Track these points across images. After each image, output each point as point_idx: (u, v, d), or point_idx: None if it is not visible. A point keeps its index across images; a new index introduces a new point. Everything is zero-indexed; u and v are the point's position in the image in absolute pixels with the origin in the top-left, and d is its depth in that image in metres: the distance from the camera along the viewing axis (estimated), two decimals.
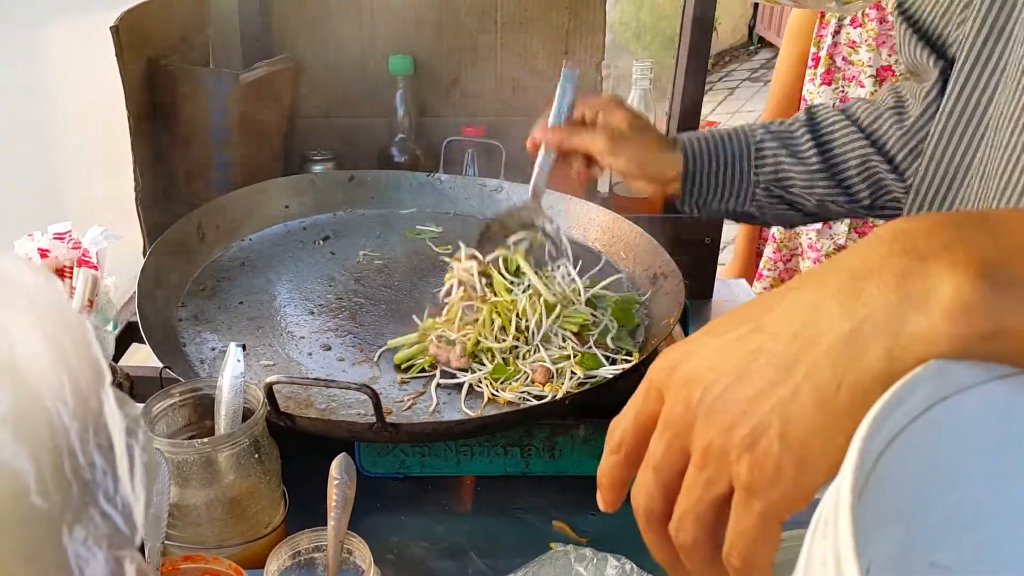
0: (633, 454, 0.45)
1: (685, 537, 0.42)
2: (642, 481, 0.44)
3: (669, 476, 0.42)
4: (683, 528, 0.42)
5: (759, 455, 0.38)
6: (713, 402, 0.40)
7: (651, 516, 0.44)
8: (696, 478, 0.41)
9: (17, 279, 0.31)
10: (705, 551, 0.42)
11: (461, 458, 0.87)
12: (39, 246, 0.87)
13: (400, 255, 1.16)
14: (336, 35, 1.36)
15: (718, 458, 0.39)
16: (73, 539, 0.28)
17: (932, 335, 0.35)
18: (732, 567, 0.40)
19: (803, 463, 0.37)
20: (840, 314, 0.37)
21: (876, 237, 0.38)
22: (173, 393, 0.74)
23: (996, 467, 0.37)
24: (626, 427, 0.45)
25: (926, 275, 0.35)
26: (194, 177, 1.20)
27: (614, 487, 0.47)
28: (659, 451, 0.42)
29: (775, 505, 0.38)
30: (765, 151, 0.95)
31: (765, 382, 0.38)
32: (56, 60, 1.21)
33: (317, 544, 0.68)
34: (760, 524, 0.38)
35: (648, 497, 0.43)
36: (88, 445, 0.29)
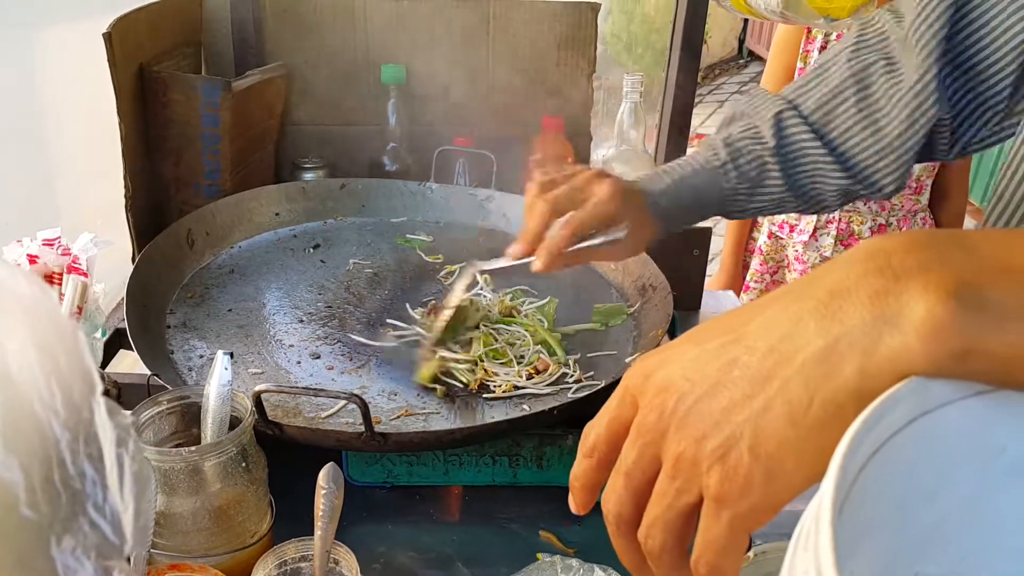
0: (605, 459, 0.46)
1: (654, 544, 0.43)
2: (612, 486, 0.44)
3: (640, 483, 0.43)
4: (652, 535, 0.43)
5: (729, 466, 0.38)
6: (687, 412, 0.41)
7: (620, 521, 0.45)
8: (667, 486, 0.41)
9: (11, 288, 0.31)
10: (673, 558, 0.43)
11: (449, 467, 0.87)
12: (28, 252, 0.87)
13: (390, 264, 1.16)
14: (328, 44, 1.36)
15: (689, 467, 0.40)
16: (62, 549, 0.28)
17: (905, 354, 0.35)
18: (700, 574, 0.41)
19: (772, 476, 0.38)
20: (816, 331, 0.38)
21: (854, 254, 0.39)
22: (160, 401, 0.74)
23: (977, 480, 0.37)
24: (599, 432, 0.46)
25: (900, 294, 0.36)
26: (184, 184, 1.20)
27: (586, 490, 0.48)
28: (631, 458, 0.43)
29: (743, 516, 0.39)
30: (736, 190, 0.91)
31: (739, 394, 0.39)
32: (48, 66, 1.21)
33: (303, 553, 0.68)
34: (728, 533, 0.39)
35: (618, 502, 0.44)
36: (78, 455, 0.30)
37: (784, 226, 1.67)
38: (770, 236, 1.72)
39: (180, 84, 1.15)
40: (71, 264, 0.87)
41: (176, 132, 1.17)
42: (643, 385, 0.43)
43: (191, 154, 1.18)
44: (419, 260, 1.17)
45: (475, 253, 1.17)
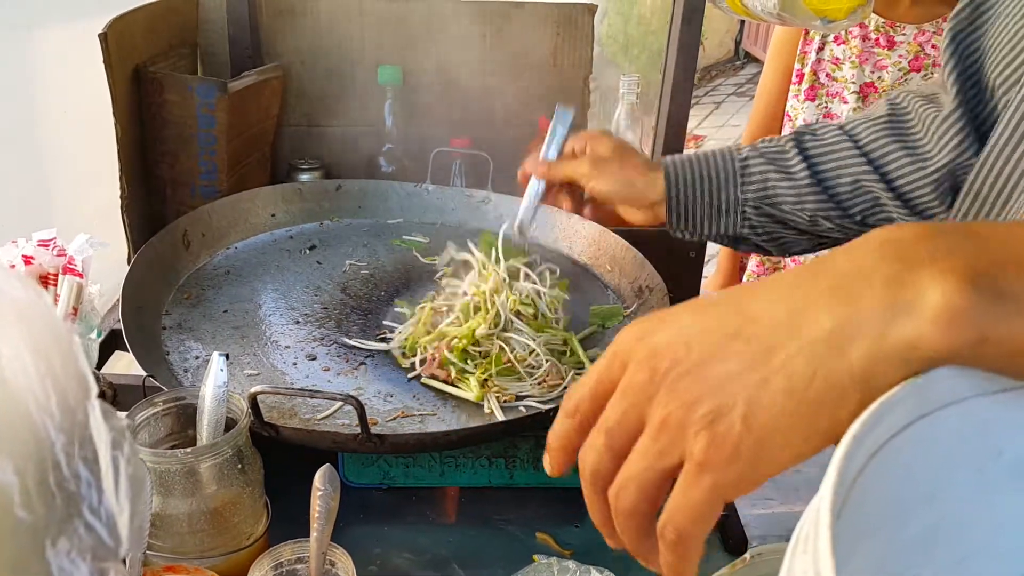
0: (587, 420, 0.45)
1: (624, 502, 0.43)
2: (592, 442, 0.44)
3: (620, 442, 0.43)
4: (623, 495, 0.43)
5: (719, 433, 0.38)
6: (680, 376, 0.40)
7: (596, 477, 0.44)
8: (648, 447, 0.41)
9: (5, 291, 0.31)
10: (641, 520, 0.43)
11: (445, 469, 0.87)
12: (23, 253, 0.86)
13: (387, 265, 1.16)
14: (325, 45, 1.36)
15: (675, 430, 0.40)
16: (57, 551, 0.28)
17: (918, 340, 0.35)
18: (665, 539, 0.41)
19: (761, 448, 0.38)
20: (826, 311, 0.38)
21: (866, 242, 0.39)
22: (156, 402, 0.74)
23: (975, 483, 0.38)
24: (584, 393, 0.45)
25: (915, 282, 0.36)
26: (180, 185, 1.19)
27: (563, 451, 0.47)
28: (614, 416, 0.43)
29: (723, 484, 0.39)
30: (751, 167, 0.94)
31: (738, 364, 0.39)
32: (43, 67, 1.21)
33: (299, 555, 0.68)
34: (705, 499, 0.39)
35: (597, 458, 0.44)
36: (73, 458, 0.29)
37: None
38: None
39: (176, 85, 1.15)
40: (66, 265, 0.87)
41: (172, 133, 1.17)
42: (635, 347, 0.43)
43: (187, 155, 1.18)
44: (415, 262, 1.17)
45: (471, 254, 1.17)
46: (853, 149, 0.92)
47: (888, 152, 0.89)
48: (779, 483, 0.95)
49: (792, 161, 0.93)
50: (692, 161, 0.96)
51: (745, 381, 0.38)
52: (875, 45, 1.56)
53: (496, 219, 1.25)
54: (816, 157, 0.93)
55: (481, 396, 0.87)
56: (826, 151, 0.93)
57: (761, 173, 0.94)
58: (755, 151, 0.95)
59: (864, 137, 0.92)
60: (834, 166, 0.92)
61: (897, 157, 0.88)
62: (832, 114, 1.59)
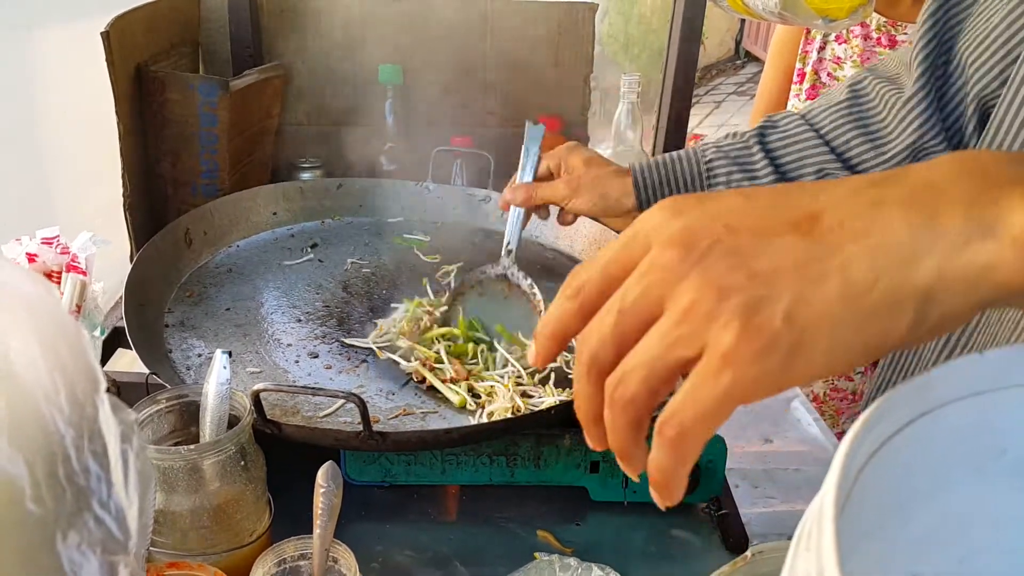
0: (590, 305, 0.40)
1: (623, 392, 0.38)
2: (598, 324, 0.39)
3: (631, 325, 0.38)
4: (625, 382, 0.38)
5: (755, 325, 0.35)
6: (720, 257, 0.36)
7: (594, 363, 0.39)
8: (666, 332, 0.36)
9: (15, 287, 0.31)
10: (638, 413, 0.39)
11: (447, 467, 0.87)
12: (27, 251, 0.87)
13: (388, 263, 1.16)
14: (326, 44, 1.37)
15: (702, 318, 0.35)
16: (67, 544, 0.28)
17: (995, 263, 0.34)
18: (664, 436, 0.37)
19: (798, 350, 0.35)
20: (899, 218, 0.35)
21: (943, 161, 0.37)
22: (159, 400, 0.74)
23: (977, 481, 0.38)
24: (592, 274, 0.40)
25: (997, 201, 0.34)
26: (182, 183, 1.20)
27: (555, 339, 0.42)
28: (632, 295, 0.38)
29: (743, 384, 0.35)
30: (715, 169, 0.94)
31: (791, 257, 0.35)
32: (45, 66, 1.21)
33: (302, 552, 0.68)
34: (717, 398, 0.35)
35: (600, 342, 0.39)
36: (83, 451, 0.30)
37: None
38: None
39: (178, 84, 1.15)
40: (70, 263, 0.87)
41: (174, 132, 1.17)
42: (666, 223, 0.38)
43: (189, 154, 1.18)
44: (416, 260, 1.18)
45: (472, 253, 1.17)
46: (815, 138, 0.92)
47: (850, 139, 0.89)
48: (780, 482, 0.96)
49: (756, 158, 0.93)
50: (659, 165, 0.96)
51: (796, 276, 0.35)
52: (876, 44, 1.57)
53: (497, 218, 1.25)
54: (779, 150, 0.93)
55: (464, 402, 0.88)
56: (788, 143, 0.93)
57: (727, 174, 0.94)
58: (719, 152, 0.95)
59: (825, 124, 0.92)
60: (796, 157, 0.92)
61: (859, 143, 0.89)
62: None
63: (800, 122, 0.93)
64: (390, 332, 0.99)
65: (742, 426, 1.07)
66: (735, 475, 0.95)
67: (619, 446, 0.40)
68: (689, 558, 0.82)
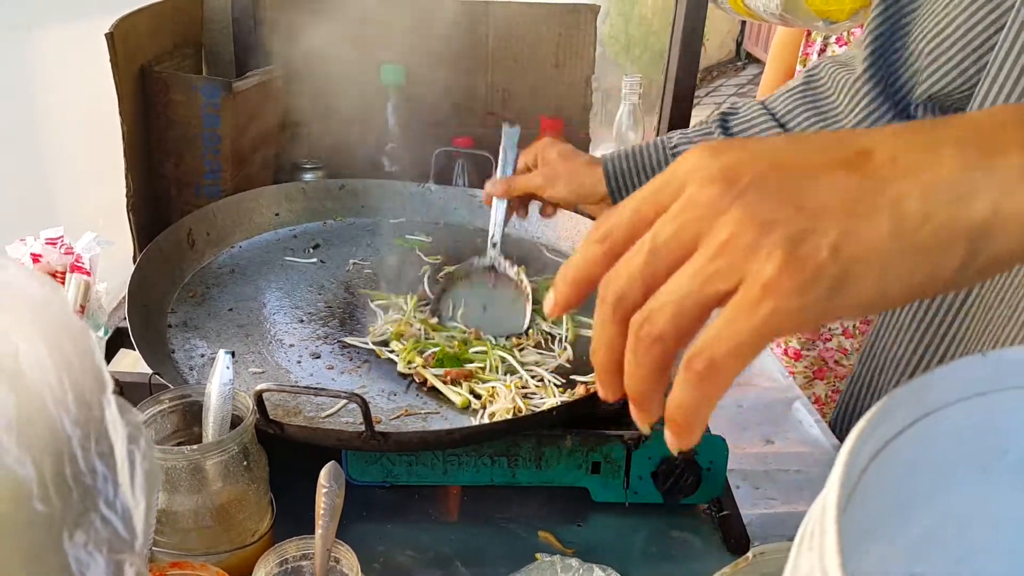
0: (618, 249, 0.38)
1: (650, 329, 0.36)
2: (627, 263, 0.38)
3: (664, 264, 0.37)
4: (653, 320, 0.36)
5: (799, 257, 0.34)
6: (763, 193, 0.35)
7: (621, 303, 0.38)
8: (701, 267, 0.35)
9: (22, 287, 0.31)
10: (662, 354, 0.37)
11: (448, 467, 0.87)
12: (31, 251, 0.87)
13: (390, 264, 1.17)
14: (328, 45, 1.37)
15: (742, 251, 0.34)
16: (74, 543, 0.28)
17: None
18: (692, 370, 0.36)
19: (844, 284, 0.34)
20: (955, 156, 0.35)
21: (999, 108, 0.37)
22: (162, 400, 0.74)
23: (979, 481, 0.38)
24: (622, 216, 0.39)
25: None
26: (185, 184, 1.20)
27: (576, 284, 0.40)
28: (666, 232, 0.36)
29: (785, 314, 0.34)
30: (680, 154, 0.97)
31: (840, 194, 0.35)
32: (50, 65, 1.21)
33: (304, 552, 0.68)
34: (754, 331, 0.34)
35: (628, 281, 0.37)
36: (89, 452, 0.30)
37: None
38: None
39: (181, 85, 1.15)
40: (74, 263, 0.87)
41: (177, 133, 1.17)
42: (703, 163, 0.37)
43: (192, 154, 1.18)
44: (418, 260, 1.18)
45: (474, 254, 1.17)
46: (771, 122, 0.95)
47: (803, 120, 0.92)
48: (781, 483, 0.96)
49: None
50: (628, 155, 1.01)
51: (845, 210, 0.34)
52: None
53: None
54: (738, 135, 0.96)
55: (466, 403, 0.89)
56: (747, 127, 0.96)
57: None
58: (684, 137, 0.99)
59: (781, 109, 0.95)
60: None
61: (812, 124, 0.91)
62: None
63: (759, 108, 0.97)
64: (385, 334, 0.99)
65: (743, 427, 1.07)
66: (736, 476, 0.95)
67: (638, 390, 0.38)
68: (690, 559, 0.82)
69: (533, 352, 0.98)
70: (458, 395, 0.89)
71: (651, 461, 0.85)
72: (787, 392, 1.14)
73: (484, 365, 0.93)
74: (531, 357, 0.97)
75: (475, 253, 1.18)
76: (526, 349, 0.98)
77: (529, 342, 0.99)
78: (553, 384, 0.92)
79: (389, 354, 0.96)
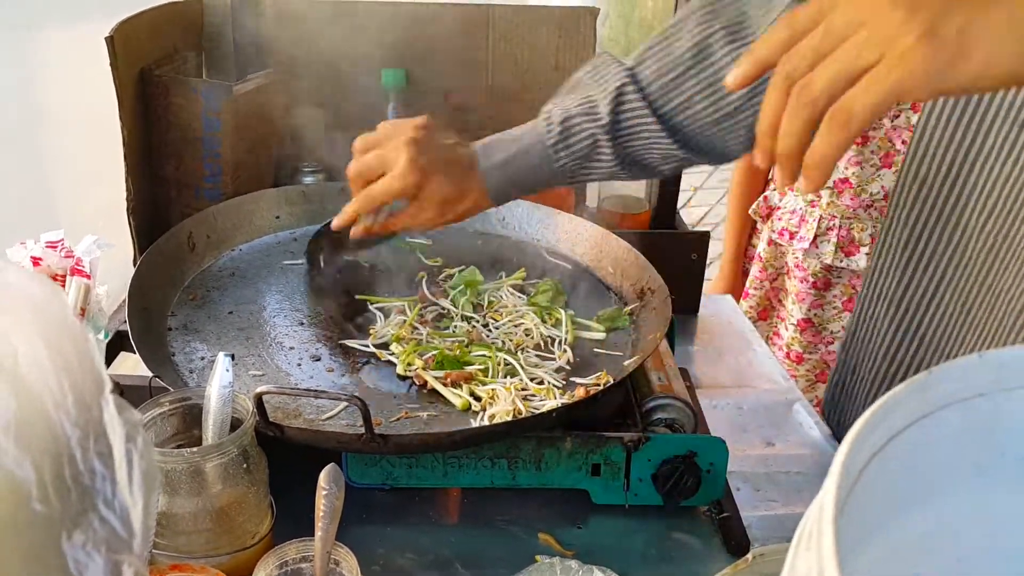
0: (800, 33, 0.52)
1: (809, 92, 0.50)
2: (804, 44, 0.52)
3: (831, 44, 0.50)
4: (811, 85, 0.50)
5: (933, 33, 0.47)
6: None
7: (790, 76, 0.51)
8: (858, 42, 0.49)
9: (22, 289, 0.31)
10: (813, 112, 0.51)
11: (448, 469, 0.87)
12: (32, 254, 0.87)
13: (390, 266, 1.17)
14: (329, 48, 1.37)
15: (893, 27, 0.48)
16: (72, 543, 0.28)
17: None
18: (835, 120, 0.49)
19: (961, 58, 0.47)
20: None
21: None
22: (162, 402, 0.75)
23: (976, 483, 0.38)
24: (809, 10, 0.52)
25: None
26: (185, 187, 1.20)
27: (758, 63, 0.54)
28: (840, 19, 0.50)
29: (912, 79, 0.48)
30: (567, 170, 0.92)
31: None
32: (50, 68, 1.22)
33: (304, 554, 0.68)
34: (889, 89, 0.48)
35: (801, 57, 0.51)
36: (88, 452, 0.30)
37: (784, 233, 1.67)
38: (769, 243, 1.72)
39: (181, 88, 1.15)
40: (74, 266, 0.88)
41: (177, 135, 1.17)
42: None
43: (192, 157, 1.19)
44: (418, 263, 1.18)
45: (473, 256, 1.18)
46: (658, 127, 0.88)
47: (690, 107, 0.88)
48: (781, 485, 0.96)
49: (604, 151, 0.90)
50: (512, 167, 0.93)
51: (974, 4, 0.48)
52: None
53: (498, 221, 1.26)
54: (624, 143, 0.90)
55: (466, 405, 0.89)
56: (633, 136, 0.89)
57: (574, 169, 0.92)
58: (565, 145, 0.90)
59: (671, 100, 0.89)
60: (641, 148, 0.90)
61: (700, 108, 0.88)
62: None
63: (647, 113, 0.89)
64: (386, 336, 0.99)
65: (744, 429, 1.07)
66: (736, 478, 0.95)
67: (786, 145, 0.52)
68: (690, 561, 0.82)
69: (533, 354, 0.98)
70: (458, 397, 0.89)
71: (651, 463, 0.85)
72: (788, 394, 1.14)
73: (484, 367, 0.93)
74: (531, 359, 0.97)
75: (475, 255, 1.19)
76: (527, 351, 0.98)
77: (530, 344, 0.99)
78: (553, 386, 0.92)
79: (389, 356, 0.96)
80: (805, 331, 1.69)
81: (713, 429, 0.92)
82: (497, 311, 1.05)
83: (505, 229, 1.25)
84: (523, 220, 1.24)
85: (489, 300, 1.08)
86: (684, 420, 0.88)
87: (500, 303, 1.07)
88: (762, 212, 1.74)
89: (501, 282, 1.12)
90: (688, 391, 0.94)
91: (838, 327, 1.67)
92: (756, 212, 1.75)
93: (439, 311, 1.06)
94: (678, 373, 0.96)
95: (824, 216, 1.61)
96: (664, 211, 1.42)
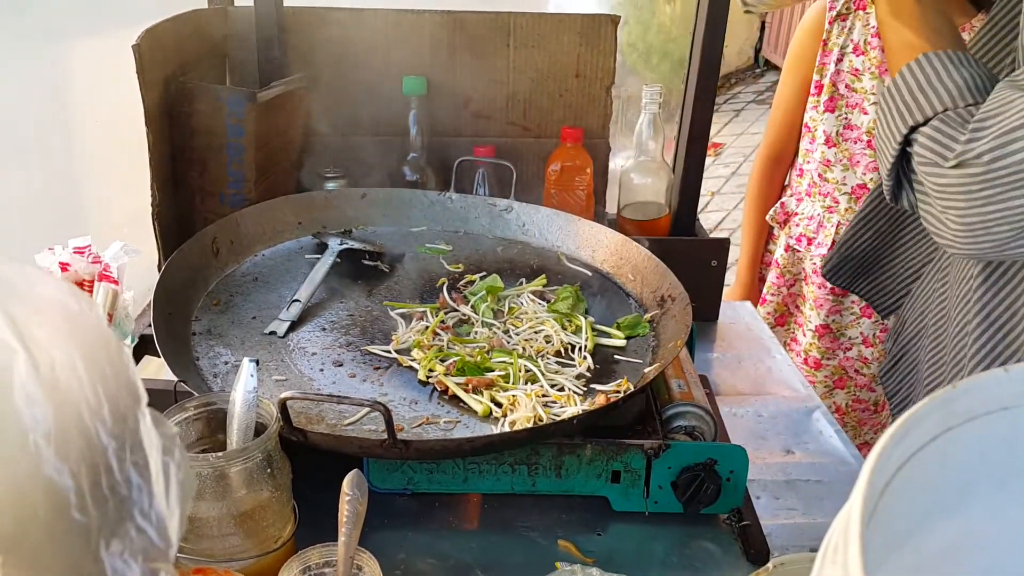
0: None
1: None
2: None
3: None
4: None
5: None
6: None
7: None
8: None
9: (58, 301, 0.32)
10: None
11: (469, 475, 0.87)
12: (60, 260, 0.88)
13: (411, 272, 1.17)
14: (351, 55, 1.38)
15: None
16: (110, 552, 0.29)
17: None
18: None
19: None
20: None
21: None
22: (187, 407, 0.75)
23: (999, 496, 0.38)
24: None
25: None
26: (210, 193, 1.21)
27: None
28: None
29: None
30: None
31: None
32: (77, 76, 1.23)
33: (327, 559, 0.69)
34: None
35: None
36: (125, 463, 0.31)
37: (802, 239, 1.66)
38: (787, 249, 1.72)
39: (206, 95, 1.17)
40: (102, 272, 0.89)
41: (202, 142, 1.19)
42: None
43: (216, 164, 1.20)
44: (439, 268, 1.18)
45: (494, 262, 1.18)
46: None
47: None
48: (802, 493, 0.96)
49: None
50: None
51: None
52: None
53: (519, 227, 1.26)
54: None
55: (488, 411, 0.89)
56: None
57: None
58: None
59: None
60: None
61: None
62: (852, 125, 1.59)
63: None
64: (408, 342, 1.00)
65: (763, 437, 1.07)
66: (756, 486, 0.95)
67: None
68: (710, 569, 0.82)
69: (553, 361, 0.98)
70: (479, 403, 0.89)
71: (671, 471, 0.85)
72: (807, 402, 1.14)
73: (505, 373, 0.94)
74: (551, 366, 0.97)
75: (495, 261, 1.19)
76: (547, 358, 0.98)
77: (550, 351, 1.00)
78: (574, 393, 0.92)
79: (411, 362, 0.97)
80: (823, 337, 1.68)
81: (732, 436, 0.92)
82: (517, 317, 1.06)
83: (526, 235, 1.26)
84: (543, 227, 1.25)
85: (510, 306, 1.08)
86: (704, 428, 0.88)
87: (520, 309, 1.07)
88: (779, 218, 1.74)
89: (521, 288, 1.12)
90: (708, 398, 0.94)
91: (856, 333, 1.67)
92: (773, 218, 1.75)
93: (460, 317, 1.06)
94: (698, 380, 0.96)
95: (842, 222, 1.61)
96: (684, 217, 1.42)
